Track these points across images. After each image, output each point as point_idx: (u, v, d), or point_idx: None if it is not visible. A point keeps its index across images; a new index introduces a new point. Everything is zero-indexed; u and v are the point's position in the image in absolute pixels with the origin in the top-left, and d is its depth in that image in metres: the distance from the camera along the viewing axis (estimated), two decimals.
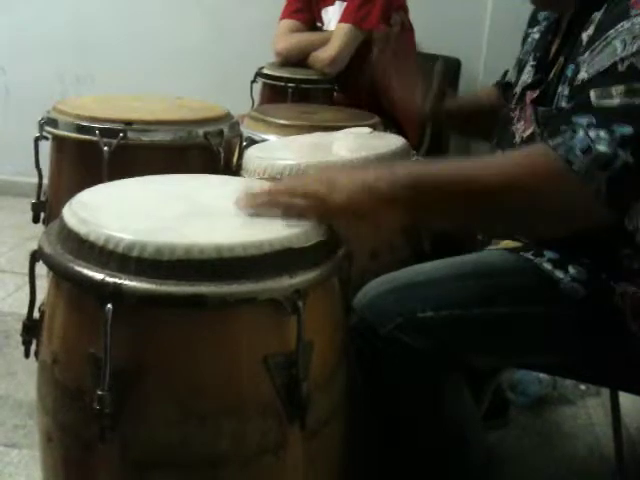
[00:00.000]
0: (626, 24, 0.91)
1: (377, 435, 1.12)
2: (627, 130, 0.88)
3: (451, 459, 1.11)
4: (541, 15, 1.25)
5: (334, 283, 0.95)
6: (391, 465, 1.12)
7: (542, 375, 1.72)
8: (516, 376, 1.75)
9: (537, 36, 1.23)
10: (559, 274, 1.04)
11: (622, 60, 0.90)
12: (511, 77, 1.37)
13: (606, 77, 0.91)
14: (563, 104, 1.01)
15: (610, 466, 1.52)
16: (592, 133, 0.89)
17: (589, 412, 1.76)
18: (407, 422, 1.08)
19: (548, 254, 1.07)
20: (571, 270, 1.04)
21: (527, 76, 1.19)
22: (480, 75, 2.77)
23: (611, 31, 0.92)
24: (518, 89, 1.21)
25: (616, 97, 0.89)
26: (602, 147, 0.88)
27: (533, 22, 1.29)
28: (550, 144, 0.91)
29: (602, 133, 0.88)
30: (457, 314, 1.03)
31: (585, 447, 1.63)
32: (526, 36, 1.30)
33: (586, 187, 0.89)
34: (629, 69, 0.90)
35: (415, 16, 2.36)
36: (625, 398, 1.40)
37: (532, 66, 1.18)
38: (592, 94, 0.91)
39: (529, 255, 1.08)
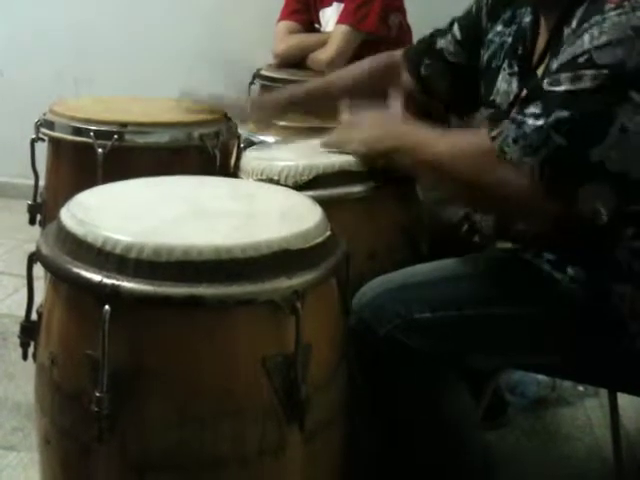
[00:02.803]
0: (598, 18, 0.92)
1: (377, 435, 1.12)
2: (563, 114, 0.91)
3: (449, 459, 1.11)
4: (507, 13, 1.19)
5: (332, 284, 0.95)
6: (390, 465, 1.12)
7: (541, 376, 1.71)
8: (515, 377, 1.74)
9: (510, 40, 1.17)
10: (558, 275, 1.04)
11: (584, 52, 0.91)
12: (443, 45, 1.39)
13: (564, 67, 0.93)
14: None
15: (609, 467, 1.51)
16: (531, 121, 0.93)
17: (588, 413, 1.75)
18: (406, 422, 1.08)
19: (547, 255, 1.07)
20: (570, 271, 1.04)
21: (507, 84, 1.14)
22: None
23: (585, 24, 0.93)
24: (499, 98, 1.16)
25: (563, 84, 0.92)
26: (532, 134, 0.93)
27: (493, 16, 1.22)
28: (490, 134, 0.99)
29: (539, 121, 0.93)
30: (454, 315, 1.03)
31: (584, 448, 1.63)
32: (486, 30, 1.23)
33: (520, 171, 0.94)
34: (586, 61, 0.91)
35: (412, 18, 2.36)
36: (624, 399, 1.39)
37: (510, 74, 1.14)
38: (545, 82, 0.95)
39: (527, 256, 1.08)
